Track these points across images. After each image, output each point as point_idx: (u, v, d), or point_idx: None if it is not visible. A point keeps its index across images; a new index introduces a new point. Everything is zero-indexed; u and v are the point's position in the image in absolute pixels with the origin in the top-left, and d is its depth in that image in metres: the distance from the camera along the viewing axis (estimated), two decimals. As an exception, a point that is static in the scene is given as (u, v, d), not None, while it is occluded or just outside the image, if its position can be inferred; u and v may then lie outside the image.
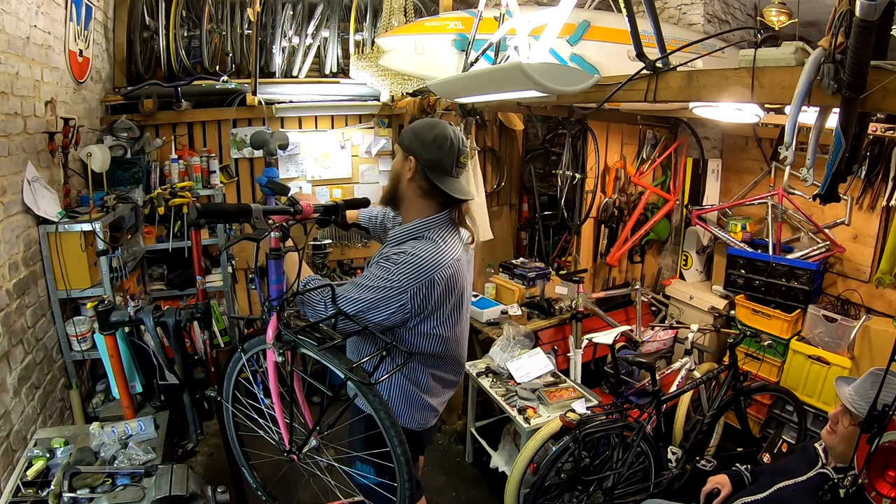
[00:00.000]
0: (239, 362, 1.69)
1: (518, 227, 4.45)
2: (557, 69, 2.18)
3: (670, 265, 4.23)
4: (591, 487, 2.38)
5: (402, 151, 1.60)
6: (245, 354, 1.64)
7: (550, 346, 3.21)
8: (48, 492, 1.75)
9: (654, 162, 3.96)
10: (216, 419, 1.95)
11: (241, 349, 1.66)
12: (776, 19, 2.57)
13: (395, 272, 1.50)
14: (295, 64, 3.80)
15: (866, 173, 3.04)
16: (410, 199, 1.62)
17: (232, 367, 1.72)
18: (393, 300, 1.50)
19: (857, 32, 1.17)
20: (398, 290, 1.49)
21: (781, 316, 3.20)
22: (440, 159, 1.54)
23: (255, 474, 1.87)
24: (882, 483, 1.55)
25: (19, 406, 2.06)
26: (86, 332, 2.49)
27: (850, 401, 1.56)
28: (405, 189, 1.61)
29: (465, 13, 2.85)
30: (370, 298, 1.49)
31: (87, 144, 2.76)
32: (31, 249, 2.27)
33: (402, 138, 1.62)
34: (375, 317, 1.51)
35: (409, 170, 1.58)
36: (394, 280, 1.49)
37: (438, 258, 1.53)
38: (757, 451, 2.80)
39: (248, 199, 3.79)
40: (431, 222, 1.59)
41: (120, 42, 3.34)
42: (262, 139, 2.43)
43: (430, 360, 1.69)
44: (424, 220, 1.60)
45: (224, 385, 1.76)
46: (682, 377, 3.00)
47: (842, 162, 1.46)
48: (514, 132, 4.14)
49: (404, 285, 1.49)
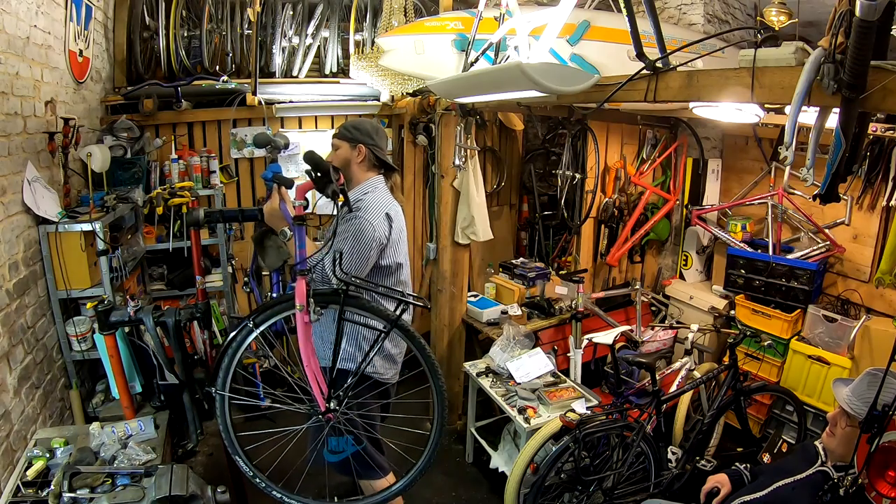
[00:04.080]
0: (246, 340, 1.73)
1: (518, 227, 4.46)
2: (557, 69, 2.18)
3: (670, 265, 4.23)
4: (591, 487, 2.38)
5: (348, 143, 2.15)
6: (257, 329, 1.70)
7: (550, 346, 3.21)
8: (48, 492, 1.75)
9: (654, 162, 3.96)
10: (217, 416, 1.96)
11: (251, 323, 1.70)
12: (776, 19, 2.56)
13: (357, 229, 1.97)
14: (295, 64, 3.80)
15: (866, 173, 3.04)
16: (358, 176, 2.17)
17: (235, 347, 1.74)
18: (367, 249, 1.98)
19: (857, 32, 1.17)
20: (367, 238, 1.98)
21: (781, 316, 3.20)
22: (379, 142, 2.18)
23: (249, 462, 1.96)
24: (882, 483, 1.55)
25: (19, 406, 2.05)
26: (86, 332, 2.48)
27: (847, 402, 1.56)
28: (354, 170, 2.16)
29: (465, 13, 2.85)
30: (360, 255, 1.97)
31: (87, 144, 2.76)
32: (31, 249, 2.27)
33: (344, 132, 2.16)
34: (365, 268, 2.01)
35: (357, 154, 2.14)
36: (362, 234, 1.97)
37: (384, 199, 2.13)
38: (757, 451, 2.81)
39: (248, 200, 3.79)
40: (377, 182, 2.18)
41: (120, 42, 3.34)
42: (265, 139, 2.46)
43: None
44: (370, 181, 2.17)
45: (222, 371, 1.79)
46: (682, 377, 3.00)
47: (842, 162, 1.46)
48: (514, 132, 4.14)
49: (375, 226, 1.99)
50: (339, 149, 2.16)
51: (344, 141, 2.16)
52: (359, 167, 2.17)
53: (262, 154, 3.71)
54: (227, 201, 3.65)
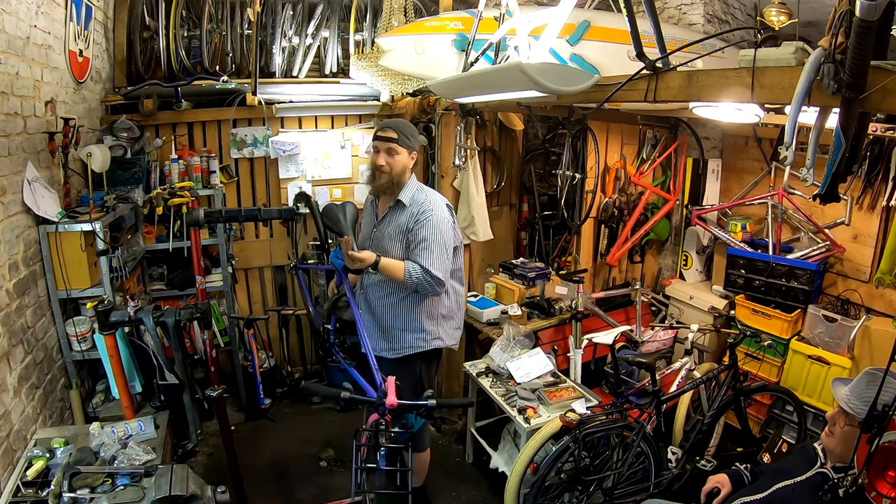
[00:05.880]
0: None
1: (518, 227, 4.45)
2: (557, 69, 2.18)
3: (670, 265, 4.23)
4: (591, 487, 2.38)
5: (407, 149, 2.25)
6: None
7: (550, 346, 3.21)
8: (48, 492, 1.76)
9: (654, 162, 3.96)
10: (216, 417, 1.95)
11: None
12: (776, 19, 2.56)
13: (438, 223, 2.22)
14: (295, 64, 3.80)
15: (866, 173, 3.03)
16: (406, 178, 2.31)
17: None
18: (450, 239, 2.26)
19: (857, 32, 1.17)
20: (448, 229, 2.26)
21: (781, 316, 3.20)
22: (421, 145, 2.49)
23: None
24: (882, 483, 1.55)
25: (19, 406, 2.05)
26: (86, 332, 2.49)
27: (846, 402, 1.56)
28: (406, 174, 2.30)
29: (465, 13, 2.85)
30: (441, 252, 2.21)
31: (87, 144, 2.76)
32: (31, 249, 2.27)
33: (404, 138, 2.23)
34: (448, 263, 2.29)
35: (411, 159, 2.29)
36: (443, 227, 2.23)
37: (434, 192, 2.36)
38: (757, 451, 2.80)
39: (248, 200, 3.80)
40: (416, 180, 2.36)
41: (120, 42, 3.35)
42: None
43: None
44: (413, 179, 2.35)
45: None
46: (682, 377, 3.00)
47: (842, 162, 1.46)
48: (514, 132, 4.14)
49: (449, 223, 2.26)
50: (399, 155, 2.24)
51: (404, 148, 2.25)
52: (409, 172, 2.32)
53: (261, 154, 3.72)
54: (227, 201, 3.65)
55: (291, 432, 3.45)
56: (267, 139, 3.68)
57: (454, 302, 2.46)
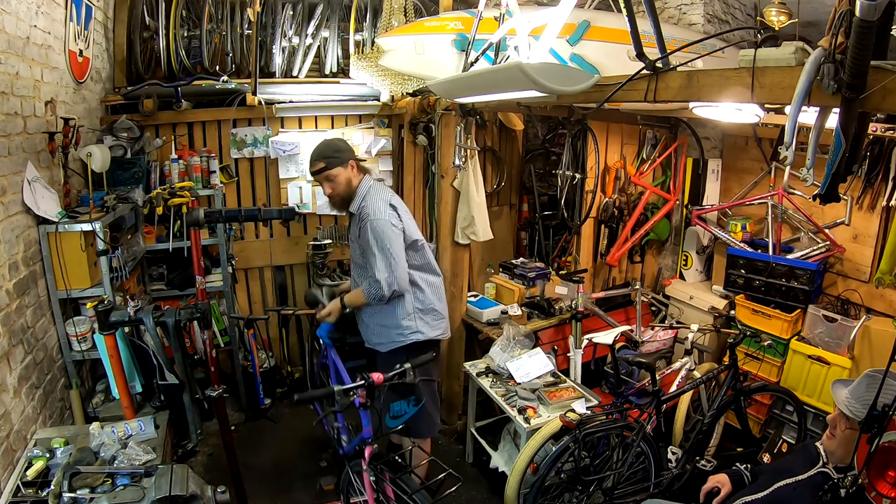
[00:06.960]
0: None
1: (518, 227, 4.45)
2: (557, 69, 2.18)
3: (670, 265, 4.23)
4: (591, 487, 2.38)
5: (340, 166, 2.38)
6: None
7: (550, 346, 3.21)
8: (48, 492, 1.75)
9: (654, 162, 3.96)
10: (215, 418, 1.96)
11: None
12: (776, 19, 2.56)
13: (375, 227, 2.32)
14: (295, 64, 3.80)
15: (866, 173, 3.03)
16: (355, 186, 2.44)
17: None
18: (393, 238, 2.32)
19: (857, 32, 1.17)
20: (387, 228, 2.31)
21: (781, 316, 3.20)
22: (351, 150, 2.47)
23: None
24: (882, 483, 1.55)
25: (19, 406, 2.05)
26: (86, 332, 2.49)
27: (846, 405, 1.56)
28: (353, 183, 2.44)
29: (465, 13, 2.85)
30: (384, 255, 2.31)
31: (87, 144, 2.76)
32: (31, 249, 2.27)
33: (331, 160, 2.37)
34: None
35: (351, 169, 2.43)
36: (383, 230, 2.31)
37: (385, 193, 2.45)
38: (757, 451, 2.80)
39: (248, 200, 3.80)
40: (366, 182, 2.47)
41: (120, 42, 3.35)
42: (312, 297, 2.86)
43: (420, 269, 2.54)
44: (361, 184, 2.46)
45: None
46: (682, 377, 3.00)
47: (842, 162, 1.46)
48: (514, 132, 4.14)
49: (388, 224, 2.32)
50: (338, 175, 2.39)
51: (337, 167, 2.38)
52: (355, 178, 2.45)
53: (261, 154, 3.72)
54: (227, 201, 3.65)
55: (291, 432, 3.45)
56: (267, 139, 3.68)
57: (431, 294, 2.54)
